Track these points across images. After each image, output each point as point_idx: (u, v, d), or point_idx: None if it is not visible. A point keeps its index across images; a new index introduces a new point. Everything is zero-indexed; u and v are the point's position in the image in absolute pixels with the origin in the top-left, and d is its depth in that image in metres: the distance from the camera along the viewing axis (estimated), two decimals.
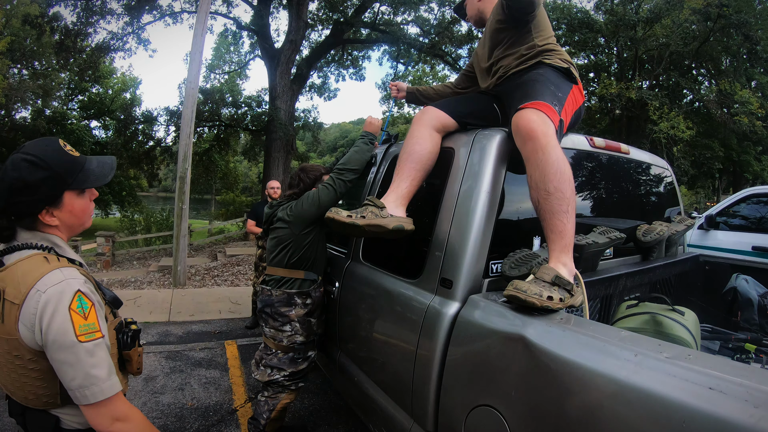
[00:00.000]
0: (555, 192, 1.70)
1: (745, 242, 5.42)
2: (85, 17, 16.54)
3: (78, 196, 1.36)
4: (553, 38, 2.23)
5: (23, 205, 1.26)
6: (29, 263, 1.23)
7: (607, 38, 19.27)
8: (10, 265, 1.23)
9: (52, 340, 1.18)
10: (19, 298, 1.18)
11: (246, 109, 21.43)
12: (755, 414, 0.93)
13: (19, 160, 1.24)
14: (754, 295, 2.87)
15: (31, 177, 1.23)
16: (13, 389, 1.29)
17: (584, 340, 1.32)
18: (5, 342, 1.22)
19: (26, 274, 1.20)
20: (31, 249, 1.26)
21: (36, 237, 1.30)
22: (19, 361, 1.23)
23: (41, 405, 1.30)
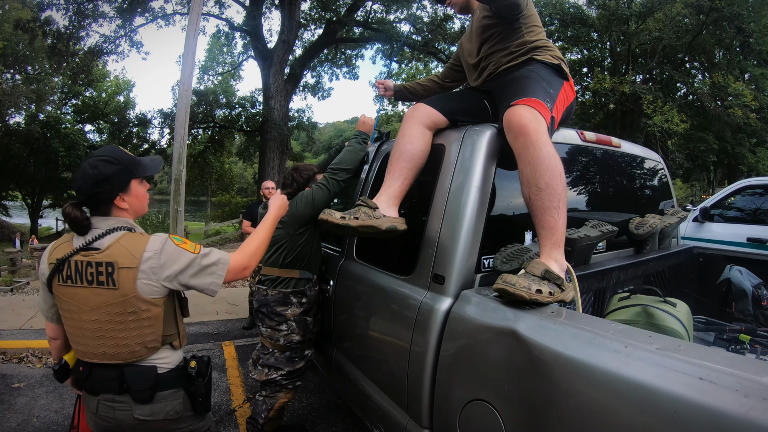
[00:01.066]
0: (546, 188, 1.70)
1: (740, 234, 5.43)
2: (77, 21, 16.49)
3: (140, 185, 1.75)
4: (544, 33, 2.23)
5: (104, 194, 1.62)
6: (129, 238, 1.60)
7: (600, 33, 19.31)
8: (112, 244, 1.57)
9: (181, 267, 1.61)
10: (136, 262, 1.55)
11: (240, 109, 21.40)
12: (746, 404, 0.93)
13: (95, 160, 1.61)
14: (748, 286, 2.88)
15: (107, 171, 1.60)
16: (115, 351, 1.59)
17: (575, 333, 1.32)
18: (119, 305, 1.56)
19: (133, 245, 1.58)
20: (120, 230, 1.62)
21: (116, 221, 1.65)
22: (132, 316, 1.58)
23: (144, 354, 1.63)
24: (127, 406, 1.63)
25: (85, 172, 1.59)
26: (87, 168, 1.60)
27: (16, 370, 4.28)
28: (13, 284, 10.73)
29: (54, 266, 1.59)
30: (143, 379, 1.63)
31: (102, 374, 1.62)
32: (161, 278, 1.59)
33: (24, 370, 4.27)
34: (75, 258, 1.57)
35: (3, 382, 4.00)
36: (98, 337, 1.58)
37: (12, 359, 4.48)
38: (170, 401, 1.69)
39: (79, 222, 1.59)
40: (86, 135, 31.07)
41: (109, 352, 1.59)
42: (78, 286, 1.57)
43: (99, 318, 1.57)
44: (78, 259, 1.57)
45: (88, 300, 1.56)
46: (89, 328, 1.58)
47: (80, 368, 1.68)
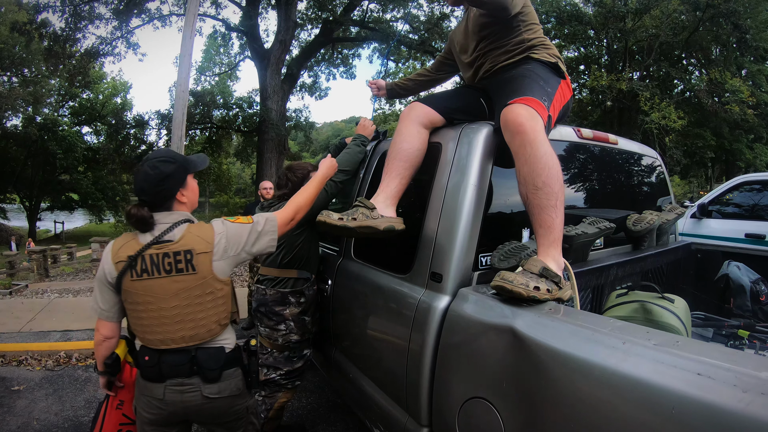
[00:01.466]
0: (543, 187, 1.69)
1: (739, 230, 5.43)
2: (73, 23, 16.42)
3: (192, 179, 1.93)
4: (541, 31, 2.22)
5: (166, 191, 1.79)
6: (196, 227, 1.81)
7: (597, 30, 19.28)
8: (185, 234, 1.77)
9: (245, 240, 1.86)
10: (210, 247, 1.77)
11: (237, 110, 21.35)
12: (744, 398, 0.93)
13: (153, 162, 1.78)
14: (746, 282, 2.88)
15: (167, 169, 1.78)
16: (194, 333, 1.77)
17: (573, 330, 1.32)
18: (198, 287, 1.75)
19: (202, 232, 1.80)
20: (185, 222, 1.81)
21: (179, 215, 1.82)
22: (210, 296, 1.78)
23: (218, 331, 1.84)
24: (196, 387, 1.79)
25: (147, 173, 1.76)
26: (147, 170, 1.76)
27: (16, 373, 4.28)
28: (11, 287, 10.71)
29: (126, 264, 1.71)
30: (214, 360, 1.81)
31: (173, 359, 1.77)
32: (231, 255, 1.82)
33: (23, 373, 4.27)
34: (148, 252, 1.72)
35: (2, 385, 4.00)
36: (177, 322, 1.75)
37: (11, 362, 4.48)
38: (234, 379, 1.88)
39: (145, 220, 1.74)
40: (83, 137, 31.06)
41: (188, 334, 1.76)
42: (155, 278, 1.72)
43: (178, 303, 1.74)
44: (152, 253, 1.72)
45: (167, 288, 1.73)
46: (168, 315, 1.74)
47: (146, 357, 1.79)
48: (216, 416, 1.88)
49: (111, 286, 1.77)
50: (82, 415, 3.50)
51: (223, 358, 1.84)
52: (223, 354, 1.84)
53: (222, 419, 1.90)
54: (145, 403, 1.82)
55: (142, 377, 1.84)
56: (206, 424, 1.95)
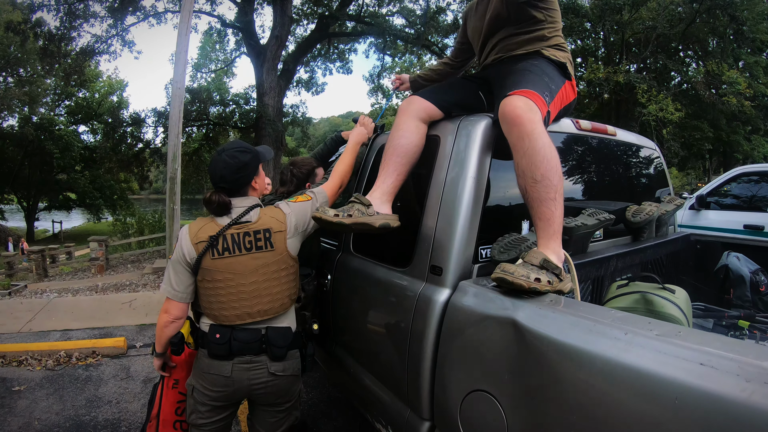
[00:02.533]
0: (542, 180, 1.68)
1: (737, 221, 5.45)
2: (68, 21, 16.38)
3: (261, 169, 2.13)
4: (559, 32, 2.21)
5: (244, 178, 1.99)
6: (268, 210, 2.04)
7: (594, 23, 19.25)
8: (261, 216, 1.98)
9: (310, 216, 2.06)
10: (284, 226, 2.00)
11: (234, 106, 21.32)
12: (747, 388, 0.93)
13: (232, 152, 1.97)
14: (746, 272, 2.88)
15: (245, 158, 1.98)
16: (269, 306, 1.97)
17: (575, 321, 1.31)
18: (275, 263, 1.97)
19: (275, 213, 2.02)
20: (258, 206, 2.02)
21: (252, 200, 2.04)
22: (284, 272, 2.01)
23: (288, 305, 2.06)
24: (263, 364, 1.96)
25: (227, 162, 1.94)
26: (227, 159, 1.95)
27: (16, 373, 4.27)
28: (10, 288, 10.70)
29: (207, 243, 1.89)
30: (283, 338, 2.00)
31: (246, 336, 1.94)
32: (300, 231, 2.06)
33: (24, 373, 4.26)
34: (229, 232, 1.91)
35: (3, 385, 3.99)
36: (255, 297, 1.93)
37: (11, 362, 4.47)
38: (295, 359, 2.08)
39: (226, 205, 1.93)
40: (80, 136, 30.98)
41: (263, 308, 1.96)
42: (235, 255, 1.91)
43: (257, 279, 1.93)
44: (233, 232, 1.91)
45: (247, 265, 1.92)
46: (246, 290, 1.92)
47: (217, 335, 1.93)
48: (278, 395, 2.03)
49: (189, 266, 1.93)
50: (83, 414, 3.50)
51: (290, 336, 2.04)
52: (291, 334, 2.05)
53: (281, 399, 2.06)
54: (210, 381, 1.95)
55: (209, 355, 1.96)
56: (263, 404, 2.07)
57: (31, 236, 29.52)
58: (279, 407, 2.08)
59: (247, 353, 1.94)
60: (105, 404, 3.67)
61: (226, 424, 2.09)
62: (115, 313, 6.14)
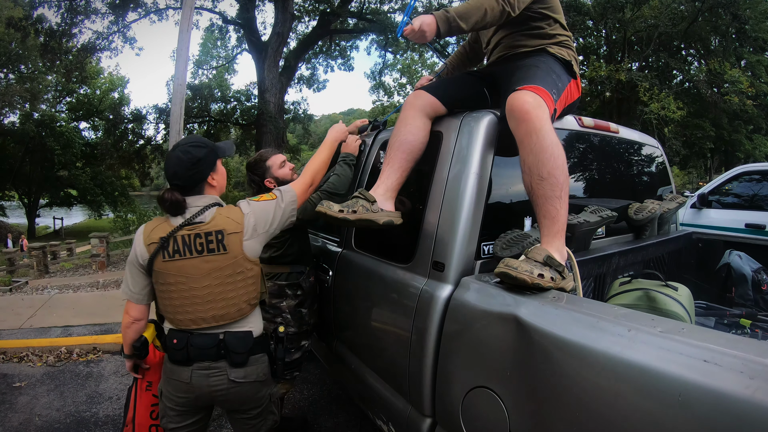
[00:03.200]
0: (549, 177, 1.67)
1: (738, 220, 5.44)
2: (69, 18, 16.36)
3: (221, 165, 1.99)
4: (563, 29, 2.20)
5: (198, 174, 1.86)
6: (226, 209, 1.89)
7: (596, 21, 19.22)
8: (215, 216, 1.84)
9: (272, 217, 1.94)
10: (240, 227, 1.84)
11: (235, 103, 21.37)
12: (751, 385, 0.92)
13: (186, 147, 1.86)
14: (748, 271, 2.88)
15: (199, 153, 1.85)
16: (224, 312, 1.83)
17: (577, 317, 1.31)
18: (230, 266, 1.83)
19: (231, 213, 1.87)
20: (215, 205, 1.88)
21: (210, 199, 1.90)
22: (240, 276, 1.86)
23: (248, 311, 1.91)
24: (222, 371, 1.84)
25: (179, 158, 1.83)
26: (180, 155, 1.84)
27: (17, 369, 4.28)
28: (11, 284, 10.71)
29: (158, 245, 1.78)
30: (242, 344, 1.86)
31: (201, 342, 1.83)
32: (260, 232, 1.90)
33: (25, 370, 4.27)
34: (180, 233, 1.79)
35: (4, 381, 4.00)
36: (208, 302, 1.81)
37: (12, 359, 4.48)
38: (260, 364, 1.94)
39: (179, 203, 1.80)
40: (81, 133, 31.00)
41: (218, 314, 1.83)
42: (186, 258, 1.79)
43: (210, 283, 1.80)
44: (184, 234, 1.79)
45: (199, 268, 1.80)
46: (199, 294, 1.80)
47: (174, 341, 1.84)
48: (241, 402, 1.93)
49: (142, 268, 1.84)
50: (83, 410, 3.50)
51: (251, 342, 1.90)
52: (251, 338, 1.90)
53: (246, 405, 1.96)
54: (173, 386, 1.88)
55: (169, 360, 1.89)
56: (230, 410, 2.00)
57: (32, 233, 29.56)
58: (247, 413, 1.99)
59: (205, 359, 1.84)
60: (106, 400, 3.67)
61: (199, 427, 2.01)
62: (116, 309, 6.14)
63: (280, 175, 2.79)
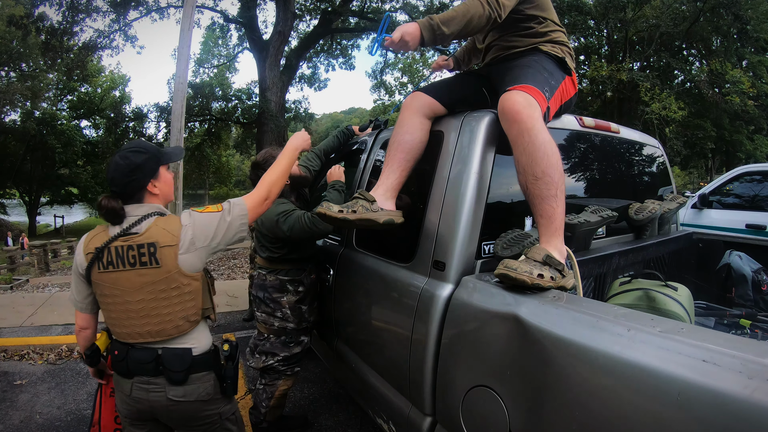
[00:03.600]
0: (543, 177, 1.67)
1: (739, 220, 5.44)
2: (70, 16, 16.36)
3: (166, 171, 1.88)
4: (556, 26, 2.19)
5: (137, 182, 1.74)
6: (163, 220, 1.73)
7: (597, 20, 19.21)
8: (150, 227, 1.70)
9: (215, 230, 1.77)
10: (175, 240, 1.69)
11: (236, 102, 21.35)
12: (750, 385, 0.92)
13: (125, 152, 1.75)
14: (748, 271, 2.88)
15: (138, 159, 1.73)
16: (160, 328, 1.71)
17: (577, 317, 1.31)
18: (163, 282, 1.68)
19: (169, 224, 1.72)
20: (154, 215, 1.74)
21: (150, 208, 1.76)
22: (176, 291, 1.71)
23: (187, 328, 1.76)
24: (161, 388, 1.73)
25: (117, 164, 1.73)
26: (118, 160, 1.73)
27: (18, 367, 4.28)
28: (12, 282, 10.73)
29: (93, 255, 1.69)
30: (180, 361, 1.74)
31: (139, 356, 1.73)
32: (200, 246, 1.74)
33: (25, 367, 4.27)
34: (114, 244, 1.68)
35: (5, 379, 4.00)
36: (143, 317, 1.70)
37: (13, 356, 4.48)
38: (203, 383, 1.80)
39: (115, 211, 1.70)
40: (82, 131, 31.01)
41: (154, 329, 1.71)
42: (120, 270, 1.68)
43: (143, 297, 1.68)
44: (118, 245, 1.68)
45: (133, 281, 1.68)
46: (134, 309, 1.69)
47: (116, 352, 1.77)
48: (184, 420, 1.83)
49: (83, 277, 1.77)
50: (84, 408, 3.51)
51: (189, 360, 1.76)
52: (189, 356, 1.77)
53: (191, 423, 1.84)
54: (119, 397, 1.83)
55: (113, 371, 1.83)
56: (175, 426, 1.88)
57: (33, 231, 29.58)
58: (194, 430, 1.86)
59: (144, 374, 1.73)
60: None
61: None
62: None
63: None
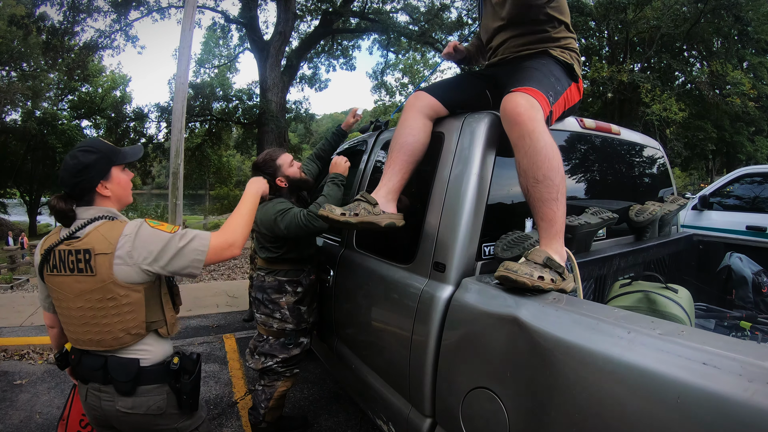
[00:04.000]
0: (544, 180, 1.67)
1: (739, 222, 5.44)
2: (71, 16, 16.33)
3: (121, 172, 1.77)
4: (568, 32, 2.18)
5: (85, 182, 1.66)
6: (107, 225, 1.63)
7: (598, 21, 19.18)
8: (91, 232, 1.61)
9: (159, 248, 1.61)
10: (111, 248, 1.58)
11: (237, 102, 21.34)
12: (749, 388, 0.93)
13: (75, 152, 1.67)
14: (749, 273, 2.88)
15: (87, 159, 1.65)
16: (100, 338, 1.63)
17: (578, 319, 1.31)
18: (98, 291, 1.59)
19: (110, 231, 1.61)
20: (101, 219, 1.65)
21: (98, 211, 1.68)
22: (112, 302, 1.60)
23: (129, 341, 1.66)
24: (111, 397, 1.67)
25: (66, 163, 1.66)
26: (68, 159, 1.67)
27: (18, 367, 4.28)
28: (12, 281, 10.73)
29: (42, 256, 1.67)
30: (125, 371, 1.66)
31: (89, 363, 1.68)
32: (138, 262, 1.60)
33: (25, 367, 4.27)
34: (59, 247, 1.63)
35: (5, 379, 4.01)
36: (84, 324, 1.63)
37: (13, 356, 4.48)
38: (153, 396, 1.71)
39: (64, 213, 1.65)
40: (83, 131, 30.98)
41: (94, 339, 1.64)
42: (62, 275, 1.62)
43: (83, 305, 1.62)
44: (62, 249, 1.62)
45: (72, 287, 1.62)
46: (75, 315, 1.64)
47: (72, 356, 1.76)
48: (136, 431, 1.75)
49: (39, 276, 1.74)
50: None
51: (135, 371, 1.67)
52: (135, 367, 1.67)
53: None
54: (80, 400, 1.80)
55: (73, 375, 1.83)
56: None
57: (34, 230, 29.55)
58: None
59: (95, 381, 1.68)
60: None
61: None
62: None
63: (290, 173, 2.77)
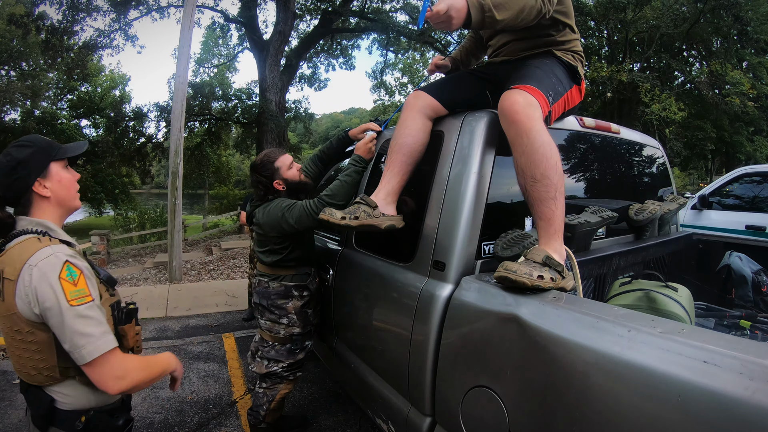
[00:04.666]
0: (542, 179, 1.66)
1: (739, 221, 5.44)
2: (71, 15, 16.31)
3: (63, 169, 1.53)
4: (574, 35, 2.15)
5: (20, 181, 1.43)
6: (24, 244, 1.36)
7: (597, 21, 19.20)
8: (8, 250, 1.37)
9: (48, 307, 1.30)
10: (14, 274, 1.32)
11: (236, 102, 21.32)
12: (750, 386, 0.93)
13: (8, 148, 1.45)
14: (748, 273, 2.88)
15: (20, 155, 1.43)
16: (18, 366, 1.43)
17: (578, 318, 1.31)
18: (7, 318, 1.36)
19: (21, 252, 1.34)
20: (28, 234, 1.39)
21: (29, 223, 1.44)
22: (19, 336, 1.37)
23: (42, 380, 1.42)
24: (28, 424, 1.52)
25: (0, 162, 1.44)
26: (1, 158, 1.44)
27: None
28: None
29: None
30: (38, 405, 1.45)
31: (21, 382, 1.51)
32: (33, 309, 1.32)
33: None
34: None
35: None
36: (8, 349, 1.45)
37: None
38: None
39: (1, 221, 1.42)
40: (82, 130, 30.96)
41: (17, 367, 1.45)
42: None
43: (3, 328, 1.41)
44: None
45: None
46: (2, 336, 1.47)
47: None
48: None
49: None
50: None
51: (47, 408, 1.43)
52: (47, 405, 1.43)
53: None
54: None
55: None
56: None
57: None
58: None
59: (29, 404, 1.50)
60: None
61: None
62: None
63: (289, 176, 2.68)
